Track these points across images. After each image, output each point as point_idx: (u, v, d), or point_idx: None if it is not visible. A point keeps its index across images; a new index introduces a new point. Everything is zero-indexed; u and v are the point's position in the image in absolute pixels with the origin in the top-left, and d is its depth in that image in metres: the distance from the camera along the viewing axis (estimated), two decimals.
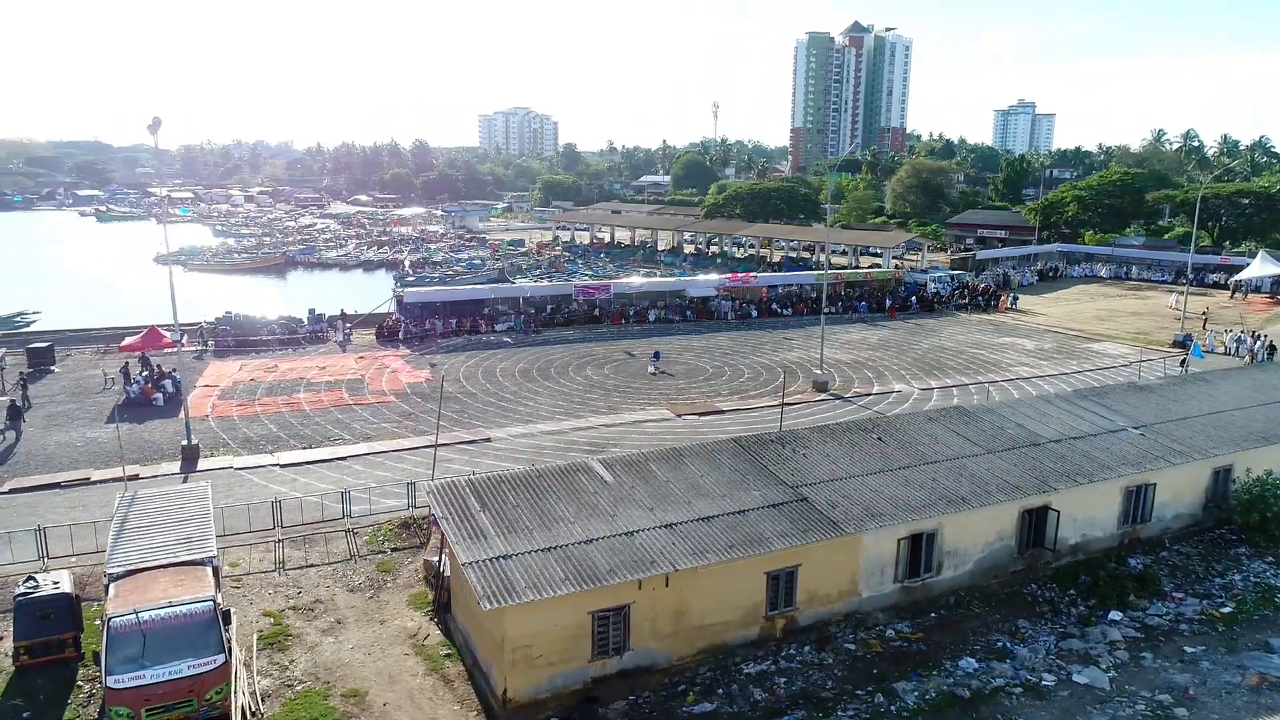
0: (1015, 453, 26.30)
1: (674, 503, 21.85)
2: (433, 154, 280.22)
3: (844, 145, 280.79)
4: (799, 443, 25.64)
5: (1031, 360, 53.75)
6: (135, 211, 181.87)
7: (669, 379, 48.26)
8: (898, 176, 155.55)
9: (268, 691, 19.88)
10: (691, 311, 66.14)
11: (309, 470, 33.43)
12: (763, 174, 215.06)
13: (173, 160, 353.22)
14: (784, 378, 41.36)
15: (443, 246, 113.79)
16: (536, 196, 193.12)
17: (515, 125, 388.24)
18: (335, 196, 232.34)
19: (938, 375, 49.53)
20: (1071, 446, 27.04)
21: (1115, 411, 30.05)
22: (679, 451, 24.57)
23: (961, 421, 28.20)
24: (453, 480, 22.28)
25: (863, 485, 23.62)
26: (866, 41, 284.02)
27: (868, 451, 25.54)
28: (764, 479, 23.39)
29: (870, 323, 66.21)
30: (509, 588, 18.21)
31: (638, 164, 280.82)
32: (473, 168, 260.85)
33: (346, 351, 53.81)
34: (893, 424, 27.63)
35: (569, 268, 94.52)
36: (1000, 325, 65.94)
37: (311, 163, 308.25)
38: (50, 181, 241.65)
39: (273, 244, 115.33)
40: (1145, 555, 26.61)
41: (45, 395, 43.31)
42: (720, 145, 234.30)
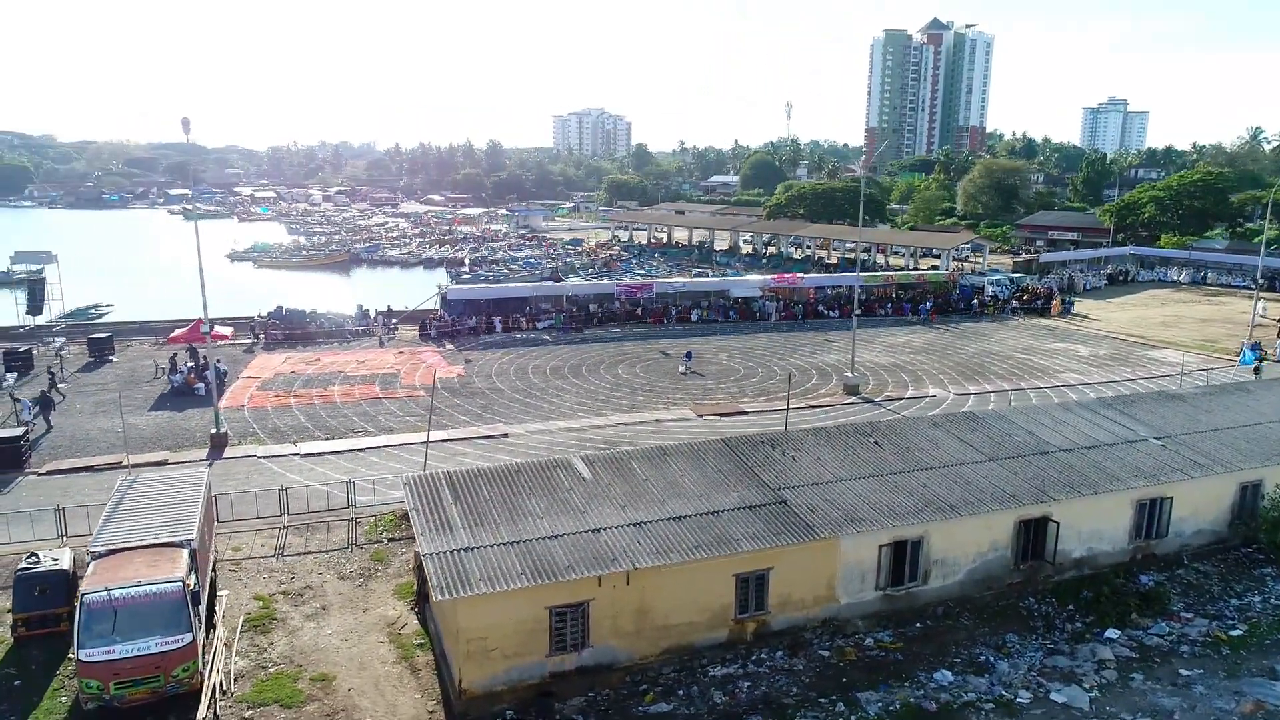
0: (1019, 461, 25.36)
1: (648, 501, 21.74)
2: (505, 154, 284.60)
3: (920, 145, 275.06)
4: (790, 445, 25.23)
5: (1082, 367, 51.72)
6: (219, 210, 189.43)
7: (699, 379, 47.99)
8: (969, 177, 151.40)
9: (243, 672, 20.50)
10: (734, 312, 65.63)
11: (326, 460, 34.34)
12: (833, 174, 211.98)
13: (261, 161, 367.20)
14: (790, 379, 40.61)
15: (502, 245, 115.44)
16: (602, 197, 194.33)
17: (589, 126, 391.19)
18: (410, 196, 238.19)
19: (978, 380, 48.09)
20: (1083, 456, 25.93)
21: (1138, 421, 28.70)
22: (663, 450, 24.45)
23: (967, 427, 27.33)
24: (430, 473, 22.61)
25: (848, 490, 23.10)
26: (946, 39, 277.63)
27: (861, 456, 24.96)
28: (746, 480, 23.09)
29: (918, 325, 64.62)
30: (464, 579, 18.40)
31: (709, 164, 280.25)
32: (544, 168, 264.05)
33: (388, 346, 55.06)
34: (893, 428, 26.94)
35: (622, 267, 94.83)
36: (1056, 330, 63.62)
37: (390, 163, 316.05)
38: (145, 181, 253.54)
39: (339, 242, 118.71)
40: (1159, 572, 25.36)
41: (99, 383, 45.51)
42: (790, 145, 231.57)
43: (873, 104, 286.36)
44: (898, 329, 63.13)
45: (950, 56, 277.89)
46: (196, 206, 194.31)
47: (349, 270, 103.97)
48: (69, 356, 50.23)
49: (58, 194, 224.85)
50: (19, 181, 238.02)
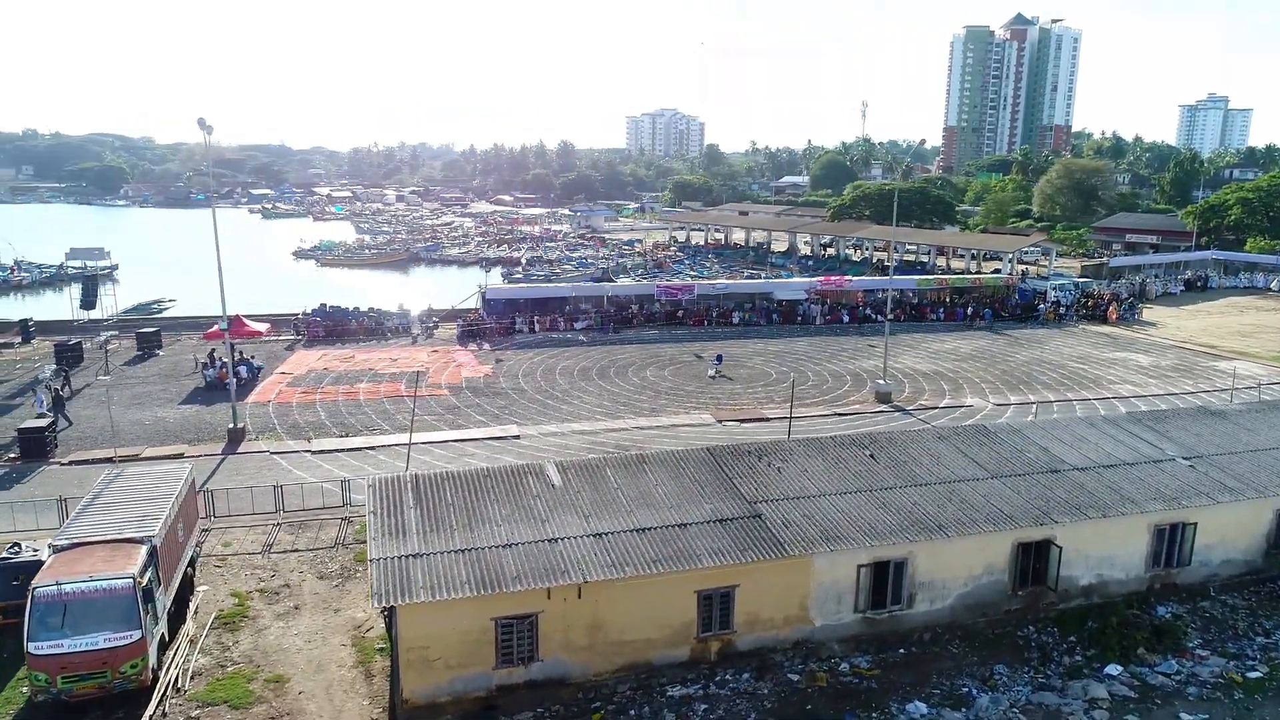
0: (1026, 479, 23.73)
1: (614, 511, 20.98)
2: (577, 155, 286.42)
3: (1001, 144, 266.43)
4: (777, 456, 24.12)
5: (1139, 378, 48.81)
6: (296, 209, 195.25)
7: (727, 383, 46.90)
8: (1047, 177, 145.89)
9: (203, 669, 20.49)
10: (777, 315, 64.17)
11: (336, 458, 34.52)
12: (907, 174, 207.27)
13: (342, 162, 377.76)
14: (793, 385, 39.18)
15: (560, 245, 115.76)
16: (667, 197, 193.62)
17: (662, 126, 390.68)
18: (481, 196, 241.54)
19: (1022, 390, 45.79)
20: (1098, 475, 24.13)
21: (1168, 439, 26.63)
22: (642, 459, 23.64)
23: (975, 442, 25.75)
24: (395, 476, 22.28)
25: (831, 505, 21.91)
26: (1030, 34, 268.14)
27: (851, 469, 23.71)
28: (722, 492, 22.12)
29: (969, 331, 62.07)
30: (405, 587, 17.96)
31: (780, 164, 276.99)
32: (614, 168, 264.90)
33: (423, 345, 55.44)
34: (893, 440, 25.54)
35: (674, 268, 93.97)
36: (1118, 338, 60.34)
37: (465, 164, 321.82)
38: (231, 181, 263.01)
39: (401, 241, 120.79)
40: (1180, 604, 23.41)
41: (140, 376, 46.90)
42: (862, 144, 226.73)
43: (951, 102, 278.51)
44: (947, 334, 60.78)
45: (1034, 53, 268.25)
46: (277, 206, 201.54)
47: (408, 269, 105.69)
48: (118, 350, 51.98)
49: (149, 194, 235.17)
50: (115, 182, 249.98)
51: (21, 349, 50.81)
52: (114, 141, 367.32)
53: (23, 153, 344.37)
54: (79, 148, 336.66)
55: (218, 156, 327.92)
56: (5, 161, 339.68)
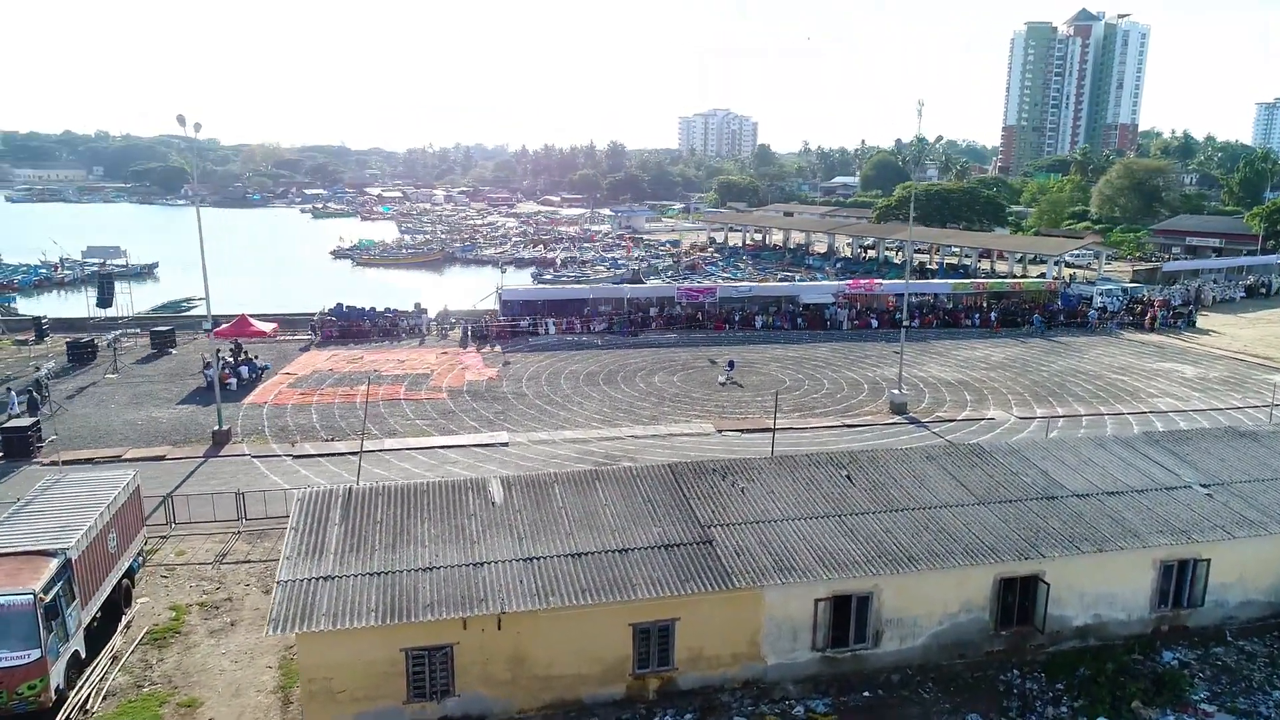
0: (1017, 506, 21.55)
1: (553, 534, 19.46)
2: (627, 156, 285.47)
3: (1063, 144, 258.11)
4: (743, 474, 22.33)
5: (1182, 391, 45.60)
6: (345, 209, 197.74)
7: (737, 390, 45.02)
8: (1106, 178, 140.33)
9: (119, 689, 19.52)
10: (802, 319, 61.93)
11: (316, 463, 33.62)
12: (962, 174, 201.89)
13: (398, 162, 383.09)
14: (778, 397, 37.01)
15: (596, 246, 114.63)
16: (712, 198, 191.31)
17: (714, 127, 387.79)
18: (529, 196, 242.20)
19: (1051, 402, 43.04)
20: (1099, 504, 21.84)
21: (1186, 463, 24.13)
22: (595, 475, 22.06)
23: (967, 463, 23.60)
24: (326, 489, 21.06)
25: (792, 531, 20.07)
26: (1095, 30, 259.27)
27: (823, 491, 21.81)
28: (675, 514, 20.44)
29: (1004, 338, 59.02)
30: (305, 613, 16.68)
31: (833, 165, 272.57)
32: (663, 169, 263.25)
33: (434, 346, 54.60)
34: (876, 460, 23.52)
35: (707, 269, 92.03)
36: (1165, 348, 56.79)
37: (516, 165, 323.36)
38: (288, 181, 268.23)
39: (438, 240, 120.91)
40: (1190, 650, 21.00)
41: (146, 375, 46.80)
42: (915, 144, 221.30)
43: (1011, 101, 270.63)
44: (980, 341, 57.90)
45: (1099, 49, 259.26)
46: (328, 205, 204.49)
47: (442, 268, 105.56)
48: (133, 349, 52.14)
49: (206, 193, 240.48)
50: (177, 182, 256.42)
51: (36, 346, 51.21)
52: (180, 143, 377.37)
53: (95, 154, 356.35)
54: (147, 149, 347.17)
55: (277, 157, 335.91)
56: (78, 162, 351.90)
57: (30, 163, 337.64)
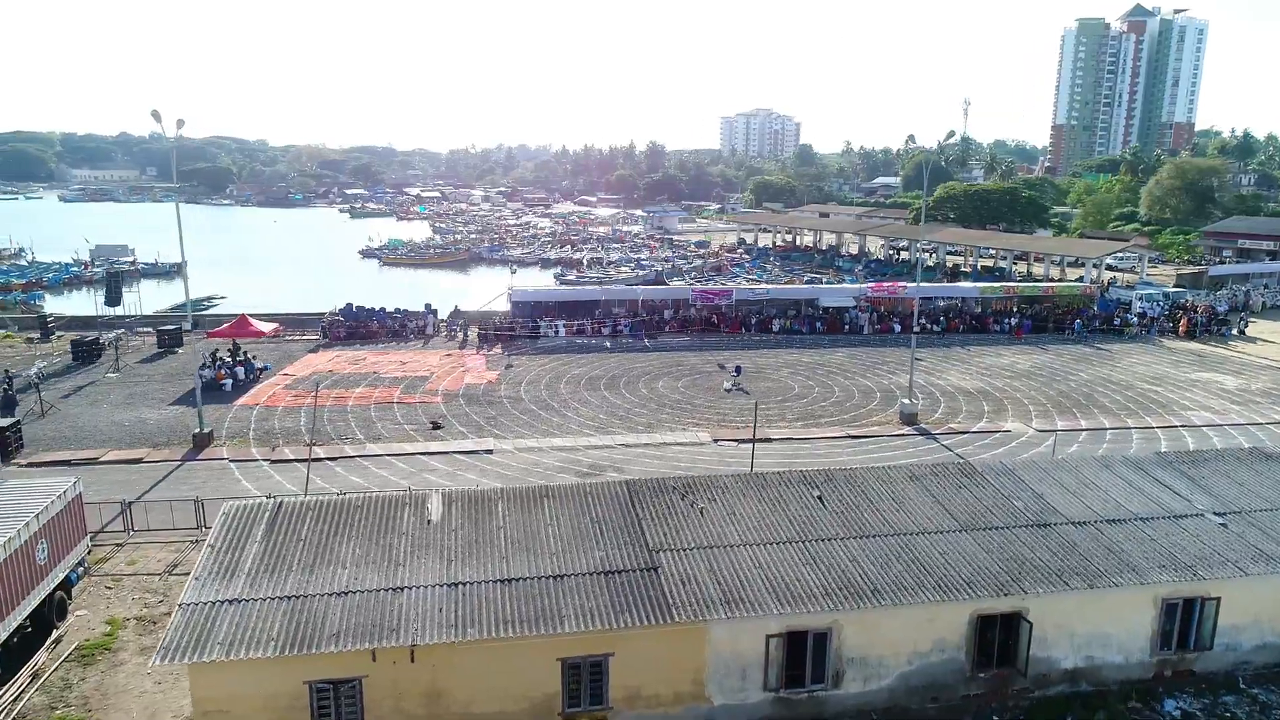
0: (1003, 534, 19.61)
1: (486, 556, 18.05)
2: (666, 156, 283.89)
3: (1115, 143, 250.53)
4: (705, 493, 20.69)
5: (1220, 404, 42.77)
6: (383, 209, 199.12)
7: (743, 397, 43.20)
8: (1156, 178, 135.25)
9: (30, 710, 18.53)
10: (822, 323, 59.83)
11: (292, 469, 32.64)
12: (1007, 175, 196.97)
13: (440, 163, 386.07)
14: (756, 408, 35.09)
15: (624, 247, 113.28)
16: (748, 198, 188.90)
17: (756, 127, 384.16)
18: (567, 197, 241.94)
19: (1075, 414, 40.58)
20: (1096, 533, 19.79)
21: (1201, 488, 21.91)
22: (544, 492, 20.58)
23: (955, 484, 21.67)
24: (254, 502, 19.88)
25: (749, 558, 18.40)
26: (1149, 26, 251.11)
27: (790, 513, 20.08)
28: (624, 537, 18.89)
29: (1025, 345, 56.31)
30: (199, 641, 15.46)
31: (875, 165, 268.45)
32: (703, 169, 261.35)
33: (436, 347, 53.67)
34: (853, 480, 21.70)
35: (734, 271, 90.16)
36: (1205, 357, 53.69)
37: (557, 165, 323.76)
38: (330, 181, 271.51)
39: (466, 240, 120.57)
40: (1196, 698, 18.87)
41: (145, 375, 46.42)
42: (959, 143, 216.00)
43: (1061, 99, 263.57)
44: (1006, 348, 55.31)
45: (1154, 46, 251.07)
46: (366, 205, 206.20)
47: (467, 268, 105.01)
48: (141, 347, 51.97)
49: (250, 193, 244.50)
50: (223, 182, 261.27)
51: (41, 345, 51.27)
52: (230, 144, 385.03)
53: (148, 155, 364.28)
54: (198, 150, 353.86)
55: (322, 158, 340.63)
56: (132, 163, 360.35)
57: (88, 163, 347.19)
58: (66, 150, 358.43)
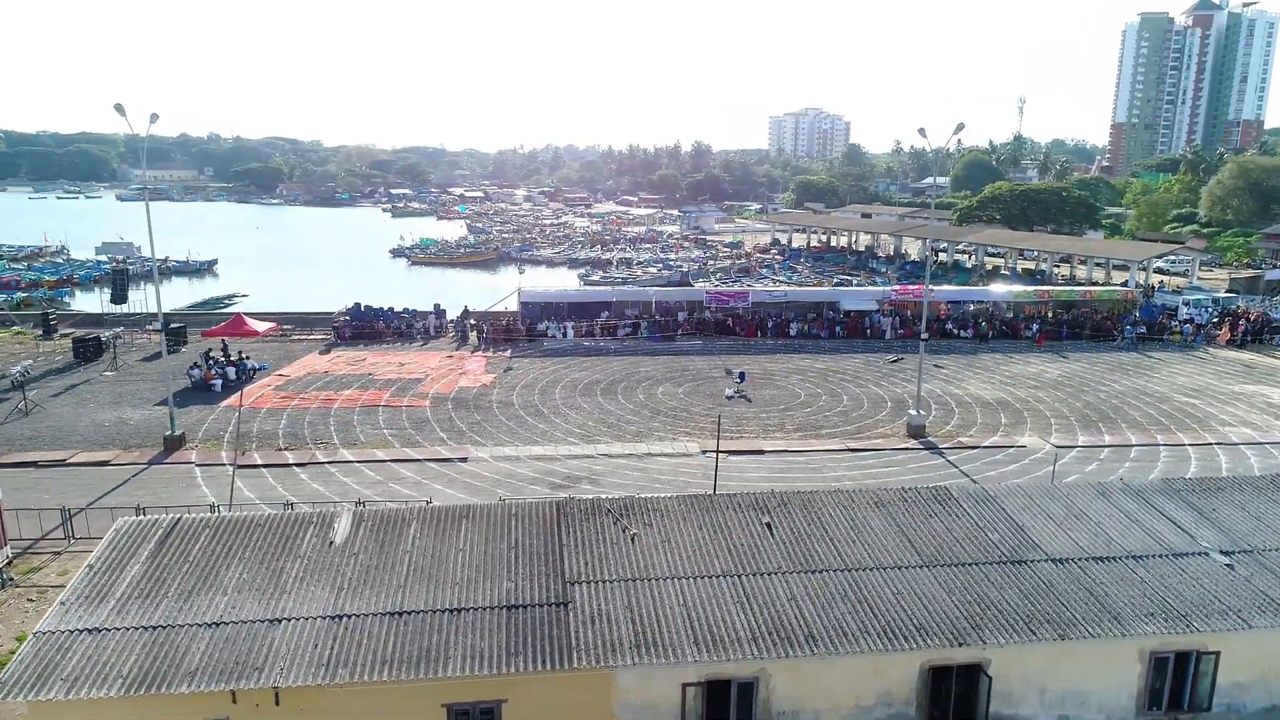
0: (971, 571, 17.36)
1: (383, 585, 16.40)
2: (711, 156, 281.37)
3: (1178, 142, 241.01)
4: (640, 517, 18.79)
5: (1262, 419, 39.43)
6: (423, 208, 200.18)
7: (744, 405, 41.14)
8: (1218, 178, 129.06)
9: None
10: (841, 327, 57.29)
11: (255, 475, 31.43)
12: (1061, 174, 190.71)
13: (489, 163, 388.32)
14: (719, 419, 32.81)
15: (656, 247, 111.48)
16: (789, 198, 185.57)
17: (805, 126, 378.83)
18: (609, 197, 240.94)
19: (1100, 429, 37.67)
20: (1080, 571, 17.43)
21: (1209, 520, 19.34)
22: (464, 513, 18.87)
23: (925, 511, 19.43)
24: (151, 518, 18.50)
25: (672, 593, 16.46)
26: (1216, 20, 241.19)
27: (732, 542, 18.08)
28: (540, 565, 17.09)
29: (1068, 352, 53.06)
30: (41, 676, 14.04)
31: (925, 165, 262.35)
32: (748, 169, 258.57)
33: (440, 348, 52.46)
34: (809, 505, 19.56)
35: (762, 272, 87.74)
36: (1254, 367, 50.02)
37: (603, 165, 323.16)
38: (378, 181, 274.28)
39: (497, 239, 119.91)
40: None
41: (140, 373, 45.94)
42: (1011, 143, 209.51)
43: (1121, 97, 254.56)
44: (1036, 355, 52.20)
45: (1221, 41, 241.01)
46: (408, 205, 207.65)
47: (496, 268, 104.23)
48: (148, 345, 51.60)
49: (298, 193, 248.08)
50: (273, 182, 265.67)
51: (45, 343, 51.24)
52: (284, 144, 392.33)
53: (206, 155, 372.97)
54: (254, 150, 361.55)
55: (371, 158, 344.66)
56: (190, 163, 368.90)
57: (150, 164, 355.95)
58: (130, 151, 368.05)
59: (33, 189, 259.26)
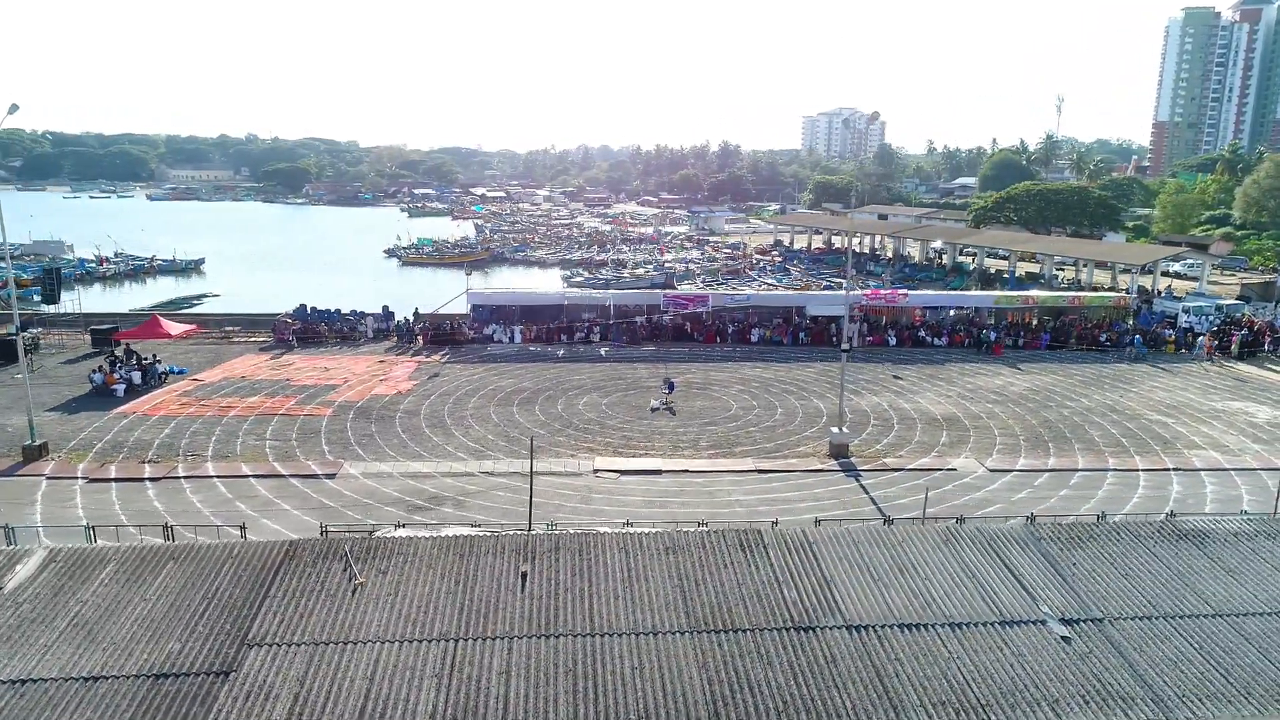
0: (745, 638, 14.32)
1: (29, 644, 13.87)
2: (739, 156, 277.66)
3: (1223, 141, 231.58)
4: (382, 561, 16.05)
5: (1236, 442, 35.48)
6: (442, 207, 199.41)
7: (665, 418, 38.20)
8: (1253, 177, 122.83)
9: None
10: (805, 333, 53.96)
11: (102, 491, 29.27)
12: (1095, 174, 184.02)
13: (519, 162, 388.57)
14: (532, 442, 29.67)
15: (655, 248, 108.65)
16: (808, 198, 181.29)
17: (838, 126, 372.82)
18: (632, 197, 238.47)
19: (1048, 449, 34.07)
20: (879, 642, 14.30)
21: (1060, 578, 16.03)
22: (171, 553, 16.28)
23: (721, 560, 16.38)
24: None
25: (364, 662, 13.66)
26: (1265, 15, 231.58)
27: (468, 597, 15.24)
28: (225, 622, 14.43)
29: (1050, 362, 49.19)
30: None
31: (959, 165, 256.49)
32: (776, 169, 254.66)
33: (373, 352, 50.24)
34: (587, 550, 16.57)
35: (751, 274, 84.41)
36: (1248, 382, 45.76)
37: (630, 165, 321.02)
38: (403, 181, 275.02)
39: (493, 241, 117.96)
40: None
41: (53, 377, 44.39)
42: (1044, 142, 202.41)
43: (1164, 95, 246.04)
44: (1009, 366, 48.43)
45: (1270, 35, 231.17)
46: (425, 205, 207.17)
47: (485, 268, 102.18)
48: (81, 346, 50.12)
49: (322, 193, 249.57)
50: (300, 182, 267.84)
51: None
52: (319, 145, 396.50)
53: (243, 156, 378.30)
54: (289, 151, 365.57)
55: (402, 158, 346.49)
56: (227, 163, 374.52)
57: (189, 164, 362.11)
58: (169, 152, 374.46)
59: (70, 188, 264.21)
